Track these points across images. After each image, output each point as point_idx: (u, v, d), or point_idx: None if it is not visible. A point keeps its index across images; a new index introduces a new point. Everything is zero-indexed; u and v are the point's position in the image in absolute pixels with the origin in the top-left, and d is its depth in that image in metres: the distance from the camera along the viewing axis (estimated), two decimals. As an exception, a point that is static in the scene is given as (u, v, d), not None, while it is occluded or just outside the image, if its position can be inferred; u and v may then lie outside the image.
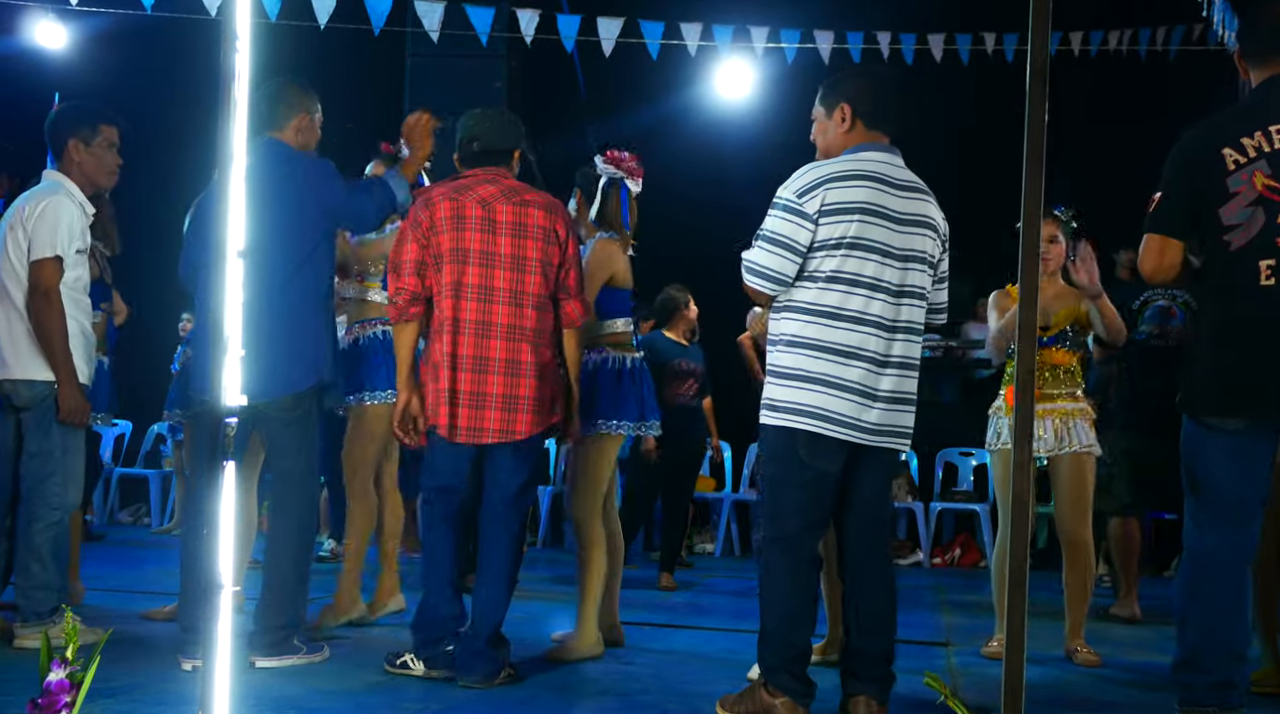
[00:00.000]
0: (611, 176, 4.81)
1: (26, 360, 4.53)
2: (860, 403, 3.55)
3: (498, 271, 4.14)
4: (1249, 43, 3.66)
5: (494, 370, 4.12)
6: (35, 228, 4.52)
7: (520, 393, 4.15)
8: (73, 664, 2.45)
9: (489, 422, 4.13)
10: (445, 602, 4.20)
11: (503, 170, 4.31)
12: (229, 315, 2.30)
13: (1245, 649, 3.58)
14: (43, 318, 4.51)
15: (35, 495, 4.53)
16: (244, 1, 2.33)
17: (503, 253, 4.15)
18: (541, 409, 4.21)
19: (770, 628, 3.62)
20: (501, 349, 4.13)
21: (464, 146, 4.36)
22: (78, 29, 9.39)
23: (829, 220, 3.56)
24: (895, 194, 3.63)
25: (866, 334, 3.56)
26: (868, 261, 3.57)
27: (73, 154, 4.68)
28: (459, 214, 4.16)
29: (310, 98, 4.56)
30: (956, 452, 9.75)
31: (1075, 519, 4.99)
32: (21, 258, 4.54)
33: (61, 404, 4.53)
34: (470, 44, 8.82)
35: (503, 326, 4.14)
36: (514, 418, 4.15)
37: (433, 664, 4.17)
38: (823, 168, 3.64)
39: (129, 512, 10.66)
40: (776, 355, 3.66)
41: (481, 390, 4.12)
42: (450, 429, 4.12)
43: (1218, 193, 3.49)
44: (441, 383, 4.12)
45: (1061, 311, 4.97)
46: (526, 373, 4.16)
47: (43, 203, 4.55)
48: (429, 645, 4.18)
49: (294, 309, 4.25)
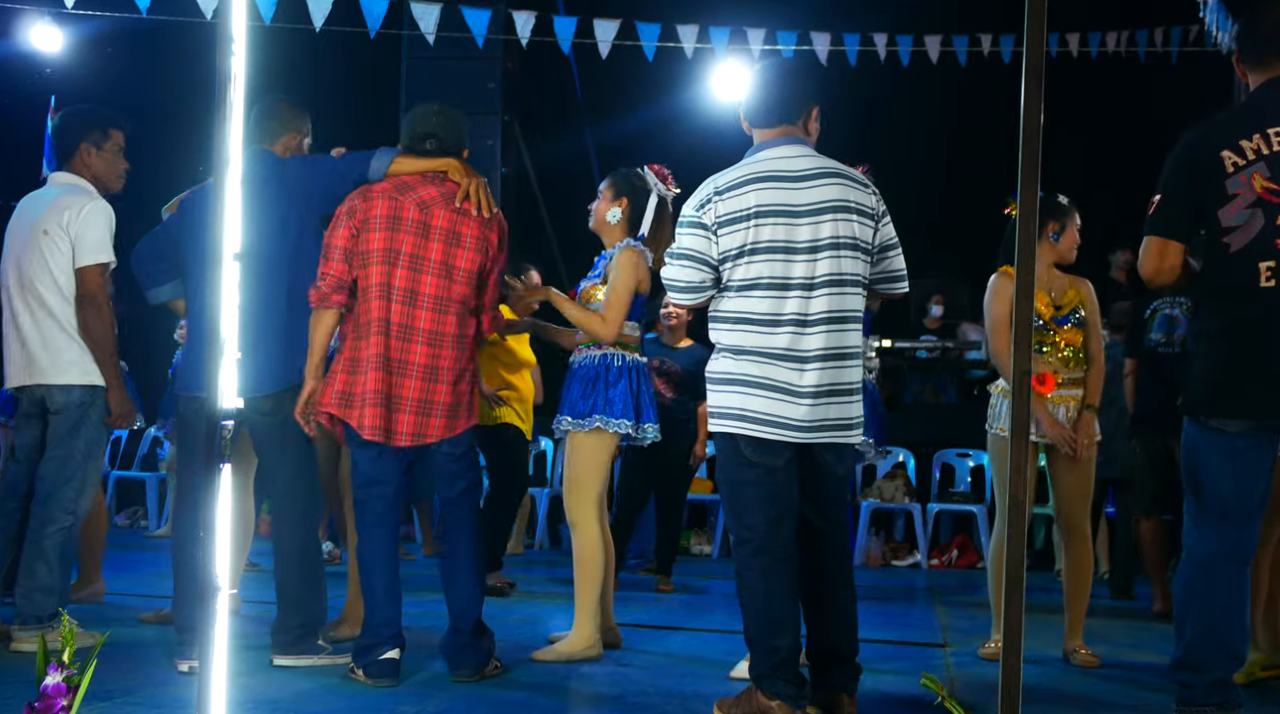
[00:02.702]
0: (663, 195, 4.82)
1: (63, 365, 4.54)
2: (787, 401, 3.56)
3: (425, 276, 4.13)
4: (1247, 46, 3.66)
5: (412, 374, 4.13)
6: (80, 232, 4.52)
7: (435, 398, 4.16)
8: (69, 667, 2.45)
9: (402, 425, 4.14)
10: (379, 608, 4.15)
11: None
12: (224, 318, 2.29)
13: (1244, 649, 3.59)
14: (92, 324, 4.53)
15: (51, 499, 4.53)
16: (239, 4, 2.33)
17: (433, 258, 4.14)
18: (454, 415, 4.21)
19: (753, 635, 3.62)
20: (422, 354, 4.13)
21: (417, 142, 4.31)
22: (73, 32, 9.38)
23: (725, 231, 3.62)
24: (793, 188, 3.62)
25: (782, 333, 3.57)
26: (773, 262, 3.58)
27: (84, 158, 4.68)
28: (395, 214, 4.13)
29: (302, 118, 4.54)
30: (954, 453, 9.75)
31: (1077, 508, 4.98)
32: (60, 262, 4.53)
33: (114, 408, 4.58)
34: (466, 46, 8.83)
35: (425, 332, 4.13)
36: (426, 422, 4.16)
37: (370, 673, 4.08)
38: (712, 181, 3.70)
39: (126, 515, 10.64)
40: (711, 363, 3.72)
41: (398, 393, 4.12)
42: (366, 429, 4.11)
43: (1217, 195, 3.50)
44: (362, 382, 4.11)
45: (1069, 292, 4.98)
46: (444, 378, 4.17)
47: (85, 206, 4.55)
48: (365, 653, 4.12)
49: (274, 310, 4.20)
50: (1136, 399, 6.78)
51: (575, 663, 4.59)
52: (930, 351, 10.70)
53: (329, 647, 4.38)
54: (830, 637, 3.72)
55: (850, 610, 3.75)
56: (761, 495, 3.61)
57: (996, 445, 5.02)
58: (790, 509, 3.64)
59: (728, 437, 3.65)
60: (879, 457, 5.50)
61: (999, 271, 5.02)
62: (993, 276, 5.04)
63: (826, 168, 3.67)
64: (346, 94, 10.49)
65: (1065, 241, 4.97)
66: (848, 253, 3.61)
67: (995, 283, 5.01)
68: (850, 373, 3.64)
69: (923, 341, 10.65)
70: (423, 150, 4.29)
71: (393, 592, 4.17)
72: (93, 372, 4.57)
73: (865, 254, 3.66)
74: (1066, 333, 4.92)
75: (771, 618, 3.58)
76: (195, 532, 4.07)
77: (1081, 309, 4.96)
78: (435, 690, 4.04)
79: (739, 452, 3.62)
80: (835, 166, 3.70)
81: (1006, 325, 4.93)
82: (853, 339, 3.64)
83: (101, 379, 4.58)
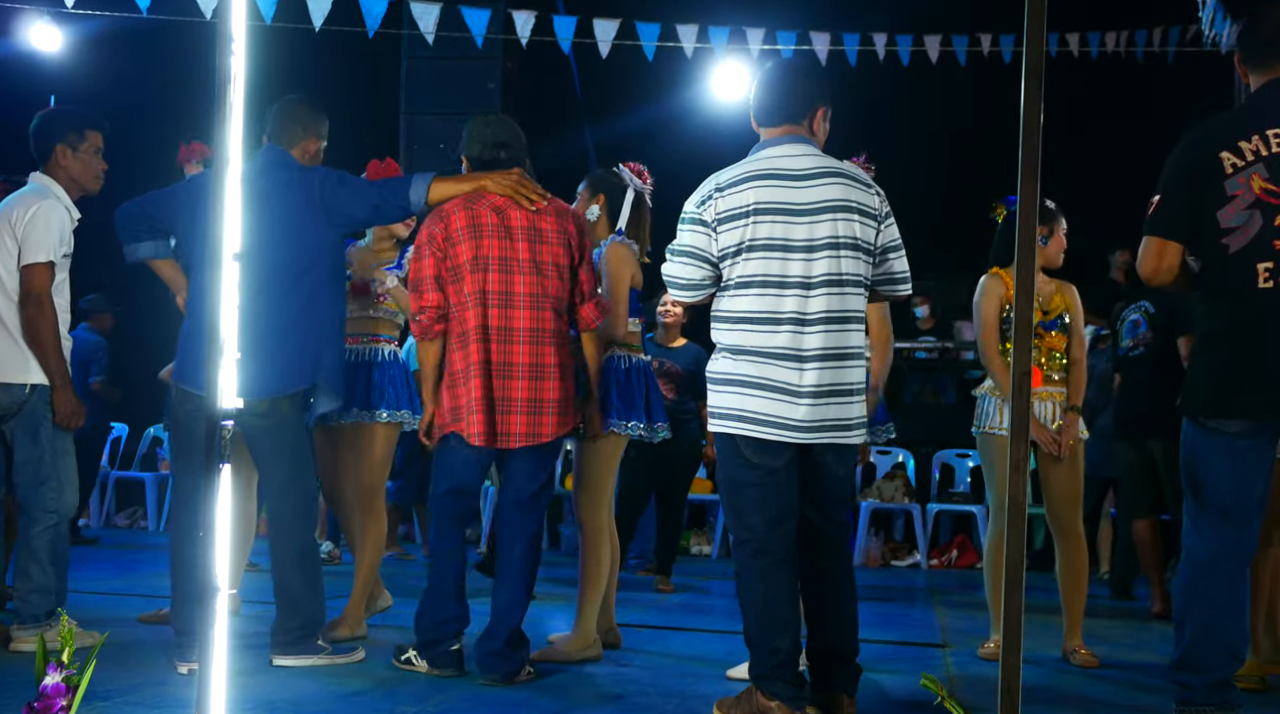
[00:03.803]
0: (639, 190, 4.85)
1: (5, 364, 4.50)
2: (786, 401, 3.55)
3: (517, 277, 4.17)
4: (1249, 46, 3.66)
5: (518, 375, 4.16)
6: (26, 232, 4.50)
7: (545, 396, 4.20)
8: (69, 667, 2.45)
9: (514, 426, 4.17)
10: (449, 604, 4.24)
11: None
12: (225, 318, 2.29)
13: (1243, 649, 3.59)
14: (35, 323, 4.49)
15: (31, 502, 4.52)
16: (239, 4, 2.33)
17: (521, 258, 4.19)
18: (565, 411, 4.26)
19: (752, 636, 3.62)
20: (525, 353, 4.17)
21: (490, 150, 4.35)
22: (73, 32, 9.37)
23: (725, 228, 3.62)
24: (794, 186, 3.62)
25: (782, 332, 3.56)
26: (771, 260, 3.58)
27: (60, 159, 4.66)
28: (475, 223, 4.18)
29: (322, 121, 4.54)
30: (953, 453, 9.75)
31: (1069, 509, 4.99)
32: (7, 262, 4.53)
33: (58, 407, 4.53)
34: (466, 46, 8.82)
35: (525, 331, 4.17)
36: (539, 421, 4.20)
37: (435, 663, 4.23)
38: (714, 178, 3.70)
39: (125, 515, 10.64)
40: (711, 363, 3.72)
41: (507, 395, 4.16)
42: (475, 435, 4.14)
43: (1216, 196, 3.50)
44: (466, 390, 4.14)
45: (1056, 297, 5.01)
46: (550, 376, 4.20)
47: (33, 207, 4.53)
48: (431, 646, 4.24)
49: (279, 315, 4.19)
50: (1117, 405, 6.99)
51: (575, 663, 4.59)
52: (929, 352, 10.71)
53: (329, 647, 4.38)
54: (830, 637, 3.72)
55: (850, 611, 3.75)
56: (762, 496, 3.60)
57: (985, 444, 5.05)
58: (790, 510, 3.64)
59: (728, 437, 3.64)
60: (885, 434, 5.52)
61: (989, 273, 5.05)
62: (983, 278, 5.07)
63: (828, 167, 3.66)
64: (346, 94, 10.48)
65: (1052, 246, 5.02)
66: (847, 253, 3.60)
67: (985, 284, 5.04)
68: (851, 373, 3.63)
69: (922, 342, 10.65)
70: (496, 159, 4.33)
71: (461, 590, 4.27)
72: (36, 371, 4.52)
73: (867, 255, 3.65)
74: (1052, 338, 4.97)
75: (771, 619, 3.57)
76: (192, 532, 4.08)
77: (1067, 314, 5.00)
78: (435, 690, 4.04)
79: (739, 452, 3.61)
80: (838, 166, 3.69)
81: (995, 326, 4.96)
82: (853, 339, 3.63)
83: (46, 379, 4.54)
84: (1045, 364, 4.95)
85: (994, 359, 4.95)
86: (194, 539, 4.00)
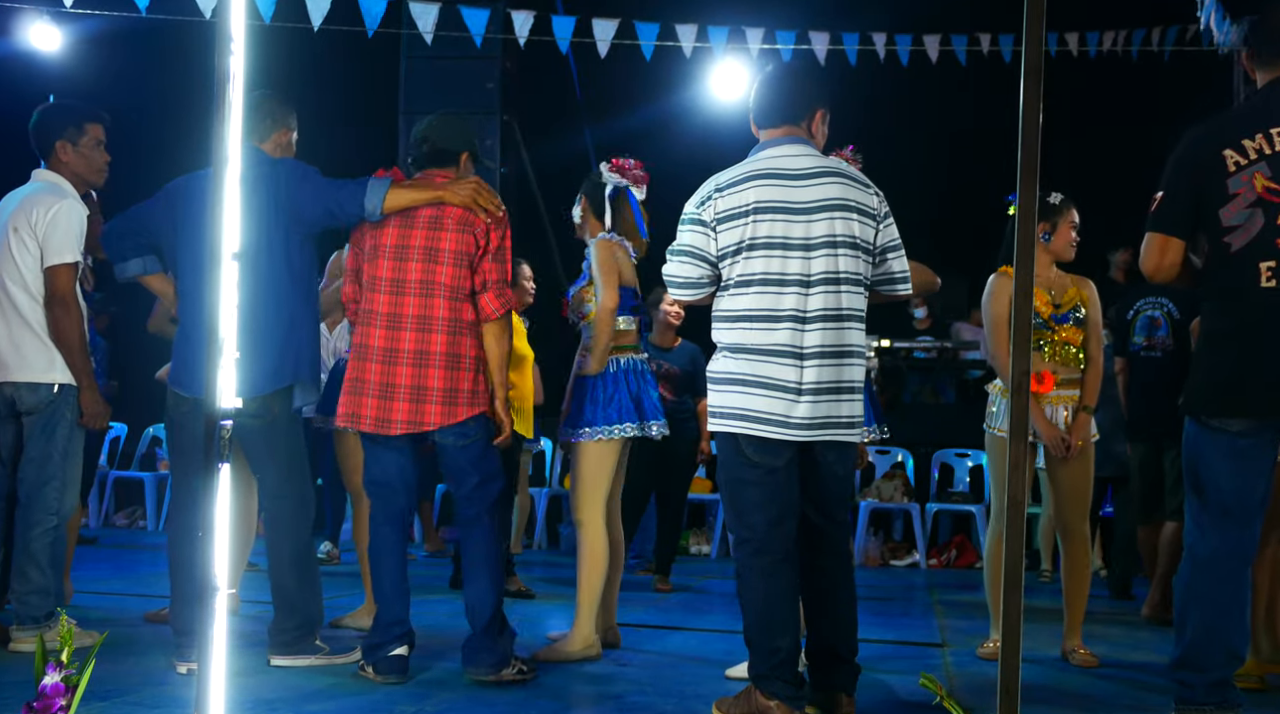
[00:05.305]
0: (617, 184, 4.83)
1: (31, 364, 4.52)
2: (787, 399, 3.55)
3: (410, 263, 4.18)
4: (1257, 44, 3.66)
5: (402, 361, 4.15)
6: (49, 233, 4.49)
7: (429, 384, 4.15)
8: (68, 667, 2.45)
9: (396, 413, 4.15)
10: (389, 606, 4.20)
11: (448, 172, 4.34)
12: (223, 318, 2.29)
13: (1244, 649, 3.59)
14: (62, 324, 4.50)
15: (34, 501, 4.51)
16: (238, 3, 2.32)
17: (416, 245, 4.19)
18: (453, 401, 4.17)
19: (752, 635, 3.62)
20: (411, 340, 4.15)
21: (415, 148, 4.43)
22: (72, 31, 9.36)
23: (725, 227, 3.63)
24: (793, 185, 3.63)
25: (782, 330, 3.57)
26: (771, 258, 3.59)
27: (61, 155, 4.66)
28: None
29: (291, 113, 4.54)
30: (952, 453, 9.75)
31: (1074, 509, 4.98)
32: (29, 261, 4.52)
33: (85, 408, 4.55)
34: (465, 45, 8.82)
35: (413, 317, 4.16)
36: (422, 409, 4.15)
37: (379, 669, 4.14)
38: (714, 179, 3.72)
39: (124, 514, 10.63)
40: (712, 362, 3.72)
41: (390, 381, 4.15)
42: (355, 418, 4.17)
43: (1218, 194, 3.50)
44: (351, 374, 4.20)
45: (1071, 290, 4.98)
46: (435, 363, 4.15)
47: (54, 207, 4.52)
48: (374, 651, 4.17)
49: (260, 312, 4.16)
50: (1128, 404, 6.85)
51: (575, 662, 4.59)
52: (928, 352, 10.70)
53: (326, 647, 4.40)
54: (830, 637, 3.72)
55: (850, 610, 3.75)
56: (762, 495, 3.60)
57: (994, 445, 5.01)
58: (791, 509, 3.64)
59: (728, 436, 3.64)
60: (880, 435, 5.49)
61: (998, 272, 5.02)
62: (991, 277, 5.03)
63: (827, 167, 3.68)
64: (345, 93, 10.48)
65: (1059, 240, 4.97)
66: (845, 251, 3.61)
67: (994, 283, 5.01)
68: (851, 371, 3.63)
69: (920, 342, 10.65)
70: (420, 153, 4.37)
71: (401, 590, 4.21)
72: (62, 371, 4.54)
73: (865, 254, 3.66)
74: (1066, 331, 4.91)
75: (771, 618, 3.57)
76: (190, 533, 4.07)
77: (1083, 308, 4.95)
78: (434, 690, 4.04)
79: (740, 451, 3.62)
80: (837, 166, 3.70)
81: (1006, 325, 4.92)
82: (853, 337, 3.63)
83: (72, 378, 4.56)
84: (1056, 362, 4.89)
85: (1004, 359, 4.93)
86: (192, 540, 4.01)
